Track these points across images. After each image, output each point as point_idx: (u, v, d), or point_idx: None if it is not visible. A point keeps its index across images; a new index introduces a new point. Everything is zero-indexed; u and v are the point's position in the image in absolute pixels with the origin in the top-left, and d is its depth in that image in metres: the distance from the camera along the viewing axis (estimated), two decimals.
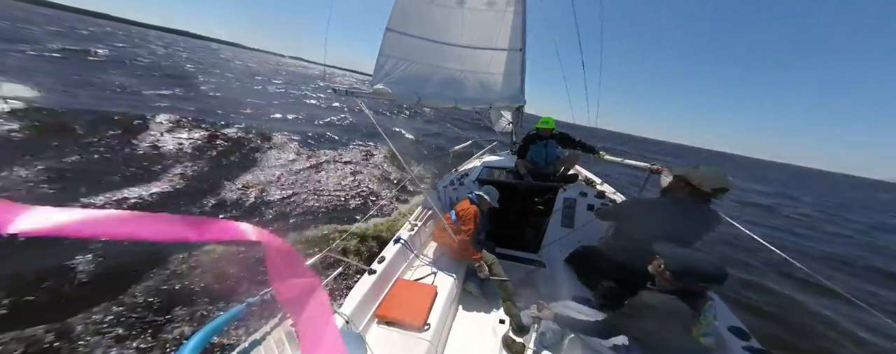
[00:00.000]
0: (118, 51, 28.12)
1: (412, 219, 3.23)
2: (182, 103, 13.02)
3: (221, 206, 5.79)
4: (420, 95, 3.42)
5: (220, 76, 27.16)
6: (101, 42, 32.01)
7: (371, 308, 2.12)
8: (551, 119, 4.01)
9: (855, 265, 8.04)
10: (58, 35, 30.03)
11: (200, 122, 10.01)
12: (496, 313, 2.52)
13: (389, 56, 3.42)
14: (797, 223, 12.98)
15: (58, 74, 13.13)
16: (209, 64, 37.78)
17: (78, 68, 16.07)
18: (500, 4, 3.91)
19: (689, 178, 1.93)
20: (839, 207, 21.31)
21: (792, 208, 16.54)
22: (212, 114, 12.08)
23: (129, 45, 38.93)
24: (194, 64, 32.65)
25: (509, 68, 4.32)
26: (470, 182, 3.75)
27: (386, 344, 1.91)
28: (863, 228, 14.12)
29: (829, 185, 55.82)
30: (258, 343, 1.52)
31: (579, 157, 4.03)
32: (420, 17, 3.58)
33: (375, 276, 2.26)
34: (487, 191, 2.91)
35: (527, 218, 3.64)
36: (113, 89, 12.99)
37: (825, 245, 9.78)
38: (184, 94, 15.36)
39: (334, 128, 16.96)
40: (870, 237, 12.08)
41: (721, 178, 1.88)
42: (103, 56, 22.16)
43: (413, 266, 2.78)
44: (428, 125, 20.64)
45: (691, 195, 1.95)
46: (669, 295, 1.42)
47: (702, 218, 1.97)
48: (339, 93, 2.91)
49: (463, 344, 2.23)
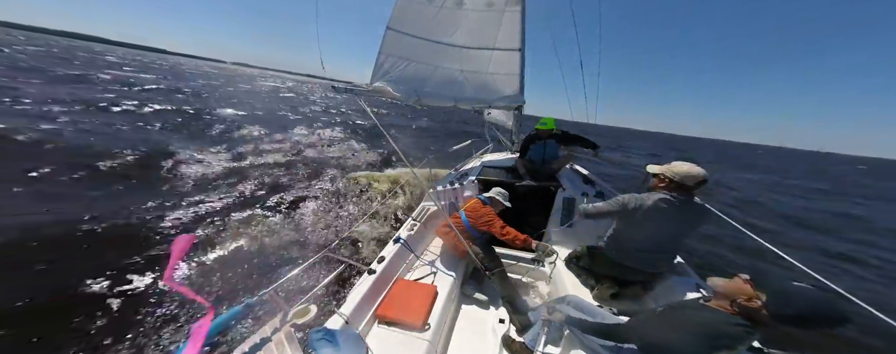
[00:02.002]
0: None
1: (412, 219, 3.22)
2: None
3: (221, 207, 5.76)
4: (419, 94, 3.42)
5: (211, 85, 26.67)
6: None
7: (371, 308, 2.11)
8: (551, 119, 4.01)
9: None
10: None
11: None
12: (496, 313, 2.52)
13: (389, 55, 3.42)
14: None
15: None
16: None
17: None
18: (499, 5, 3.91)
19: (670, 175, 1.97)
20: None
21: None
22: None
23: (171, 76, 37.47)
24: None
25: (508, 68, 4.32)
26: (469, 181, 3.74)
27: (386, 344, 1.90)
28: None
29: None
30: (257, 345, 1.51)
31: (573, 157, 4.04)
32: (420, 16, 3.58)
33: (375, 276, 2.24)
34: (499, 193, 2.91)
35: (526, 218, 3.64)
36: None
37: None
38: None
39: (333, 127, 16.97)
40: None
41: (697, 170, 1.93)
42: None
43: (413, 266, 2.77)
44: (428, 124, 20.64)
45: (676, 191, 1.98)
46: (726, 315, 1.19)
47: (693, 213, 2.01)
48: (339, 91, 2.90)
49: (463, 344, 2.22)
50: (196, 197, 6.09)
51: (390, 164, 9.96)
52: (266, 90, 43.20)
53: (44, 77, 17.70)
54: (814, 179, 24.86)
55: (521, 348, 2.04)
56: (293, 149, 10.64)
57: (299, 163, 9.21)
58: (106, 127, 9.81)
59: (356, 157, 10.70)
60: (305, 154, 10.35)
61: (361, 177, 8.10)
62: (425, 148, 12.19)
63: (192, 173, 7.19)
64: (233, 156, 8.97)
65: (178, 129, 11.34)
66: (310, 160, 9.71)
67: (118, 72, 29.69)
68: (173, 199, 5.65)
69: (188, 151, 8.48)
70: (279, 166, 8.82)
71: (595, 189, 3.59)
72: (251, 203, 6.06)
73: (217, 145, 9.90)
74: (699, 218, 2.03)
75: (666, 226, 2.03)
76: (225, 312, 1.51)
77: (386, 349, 1.86)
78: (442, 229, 2.84)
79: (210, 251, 4.35)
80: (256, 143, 10.65)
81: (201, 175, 7.22)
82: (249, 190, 6.68)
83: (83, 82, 18.87)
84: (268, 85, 60.57)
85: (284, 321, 1.68)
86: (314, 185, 7.51)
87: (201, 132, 11.59)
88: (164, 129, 10.96)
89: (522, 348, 2.03)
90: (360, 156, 10.99)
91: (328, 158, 10.24)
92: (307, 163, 9.25)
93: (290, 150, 10.50)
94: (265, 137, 11.99)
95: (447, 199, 3.66)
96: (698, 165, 1.97)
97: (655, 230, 2.05)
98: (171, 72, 46.28)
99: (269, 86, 54.50)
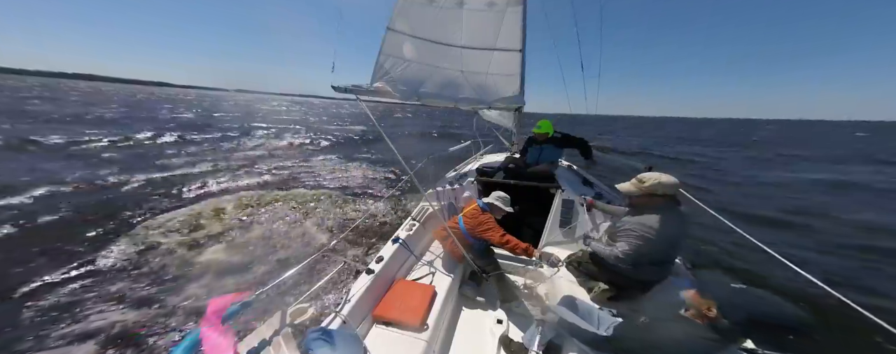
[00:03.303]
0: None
1: (410, 219, 3.21)
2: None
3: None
4: (419, 95, 3.41)
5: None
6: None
7: (369, 308, 2.11)
8: (546, 122, 4.02)
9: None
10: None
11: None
12: (494, 313, 2.51)
13: (389, 55, 3.41)
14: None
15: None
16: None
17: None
18: (500, 5, 3.89)
19: (661, 192, 2.05)
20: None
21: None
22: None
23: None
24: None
25: (509, 69, 4.30)
26: (468, 182, 3.74)
27: (384, 345, 1.89)
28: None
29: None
30: (255, 345, 1.51)
31: (556, 165, 4.04)
32: (420, 17, 3.57)
33: (373, 276, 2.24)
34: (498, 198, 2.75)
35: (525, 218, 3.63)
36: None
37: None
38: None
39: (332, 128, 16.96)
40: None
41: (670, 178, 2.05)
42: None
43: (411, 266, 2.76)
44: (428, 123, 20.66)
45: (667, 202, 2.07)
46: (703, 328, 1.22)
47: (684, 217, 2.11)
48: (339, 91, 2.90)
49: (461, 344, 2.22)
50: (194, 197, 6.11)
51: (390, 170, 9.96)
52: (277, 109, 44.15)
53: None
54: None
55: (519, 348, 2.04)
56: (292, 152, 10.66)
57: (299, 163, 9.21)
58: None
59: (356, 157, 10.69)
60: (305, 155, 10.35)
61: (358, 177, 8.09)
62: (429, 145, 12.21)
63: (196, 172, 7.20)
64: (242, 159, 8.98)
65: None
66: (310, 160, 9.71)
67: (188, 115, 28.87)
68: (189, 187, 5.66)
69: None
70: (279, 166, 8.83)
71: (594, 190, 3.59)
72: (251, 201, 6.06)
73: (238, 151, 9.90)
74: (688, 219, 2.13)
75: (675, 237, 2.08)
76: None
77: (384, 349, 1.85)
78: (440, 233, 2.78)
79: (209, 250, 4.36)
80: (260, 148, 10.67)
81: (201, 174, 7.22)
82: (249, 190, 6.69)
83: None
84: (271, 106, 63.25)
85: (282, 320, 1.67)
86: (312, 185, 7.52)
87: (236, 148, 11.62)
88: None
89: (520, 348, 2.03)
90: (360, 156, 10.98)
91: (328, 157, 10.24)
92: (307, 163, 9.25)
93: (289, 154, 10.52)
94: (269, 142, 12.09)
95: (446, 200, 3.66)
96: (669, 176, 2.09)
97: (667, 243, 2.07)
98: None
99: (270, 107, 56.77)
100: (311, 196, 6.71)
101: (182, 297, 3.37)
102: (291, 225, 5.31)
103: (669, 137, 34.40)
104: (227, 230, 4.95)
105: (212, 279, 3.76)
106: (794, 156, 19.66)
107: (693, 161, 16.31)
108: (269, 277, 3.82)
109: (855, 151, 23.77)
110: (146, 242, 4.42)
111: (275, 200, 6.26)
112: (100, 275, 3.67)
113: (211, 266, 4.01)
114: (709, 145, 26.33)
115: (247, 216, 5.52)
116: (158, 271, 3.83)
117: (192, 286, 3.60)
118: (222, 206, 5.76)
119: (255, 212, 5.71)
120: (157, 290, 3.50)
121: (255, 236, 4.86)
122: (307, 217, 5.69)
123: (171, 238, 4.61)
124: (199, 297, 3.38)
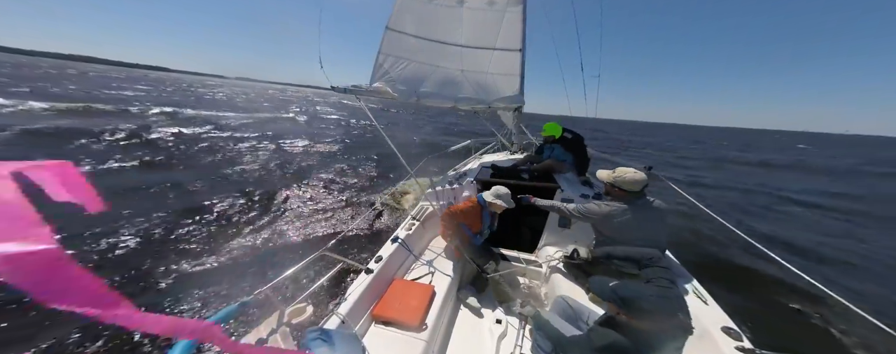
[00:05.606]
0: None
1: (410, 219, 3.21)
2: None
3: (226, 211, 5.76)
4: (419, 94, 3.41)
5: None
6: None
7: (368, 307, 2.10)
8: (552, 125, 4.02)
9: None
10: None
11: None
12: (493, 313, 2.51)
13: (389, 54, 3.41)
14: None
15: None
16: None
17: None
18: (500, 4, 3.90)
19: (627, 188, 2.27)
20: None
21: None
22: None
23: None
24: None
25: (509, 68, 4.31)
26: (468, 182, 3.73)
27: (383, 344, 1.89)
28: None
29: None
30: (253, 344, 1.50)
31: (564, 164, 4.04)
32: (420, 16, 3.56)
33: (372, 276, 2.23)
34: (496, 194, 2.69)
35: (524, 218, 3.63)
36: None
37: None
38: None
39: (331, 128, 16.96)
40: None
41: (640, 176, 2.26)
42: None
43: (411, 265, 2.76)
44: (428, 123, 20.68)
45: (634, 196, 2.27)
46: (615, 334, 1.36)
47: (657, 210, 2.30)
48: (339, 91, 2.89)
49: (460, 344, 2.21)
50: (195, 195, 6.09)
51: (388, 169, 9.95)
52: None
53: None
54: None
55: (517, 348, 2.03)
56: (291, 152, 10.65)
57: (299, 164, 9.21)
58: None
59: (356, 158, 10.69)
60: (304, 156, 10.35)
61: (361, 178, 8.09)
62: (429, 145, 12.21)
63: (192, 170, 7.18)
64: (237, 153, 8.96)
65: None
66: (309, 161, 9.71)
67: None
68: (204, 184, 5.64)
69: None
70: (279, 167, 8.82)
71: (593, 190, 3.59)
72: (250, 201, 6.05)
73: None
74: (663, 212, 2.32)
75: (647, 227, 2.23)
76: (220, 311, 1.50)
77: (383, 349, 1.85)
78: (444, 232, 2.81)
79: (209, 250, 4.35)
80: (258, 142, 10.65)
81: (199, 172, 7.21)
82: (249, 189, 6.68)
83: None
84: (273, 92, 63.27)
85: (280, 320, 1.66)
86: (311, 184, 7.51)
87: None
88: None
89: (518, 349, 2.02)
90: (360, 157, 10.98)
91: (328, 159, 10.24)
92: (306, 164, 9.25)
93: (287, 152, 10.51)
94: (264, 140, 12.07)
95: (445, 199, 3.65)
96: (638, 172, 2.32)
97: (641, 234, 2.21)
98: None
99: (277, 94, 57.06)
100: (310, 195, 6.71)
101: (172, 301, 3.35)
102: (290, 225, 5.30)
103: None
104: (225, 228, 4.94)
105: (209, 277, 3.75)
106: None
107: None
108: (266, 277, 3.81)
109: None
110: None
111: (270, 198, 6.25)
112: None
113: (209, 265, 4.00)
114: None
115: (240, 214, 5.51)
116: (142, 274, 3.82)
117: (186, 286, 3.59)
118: (220, 203, 5.75)
119: (250, 210, 5.70)
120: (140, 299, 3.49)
121: (252, 236, 4.85)
122: (307, 216, 5.69)
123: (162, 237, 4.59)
124: (190, 303, 3.36)
